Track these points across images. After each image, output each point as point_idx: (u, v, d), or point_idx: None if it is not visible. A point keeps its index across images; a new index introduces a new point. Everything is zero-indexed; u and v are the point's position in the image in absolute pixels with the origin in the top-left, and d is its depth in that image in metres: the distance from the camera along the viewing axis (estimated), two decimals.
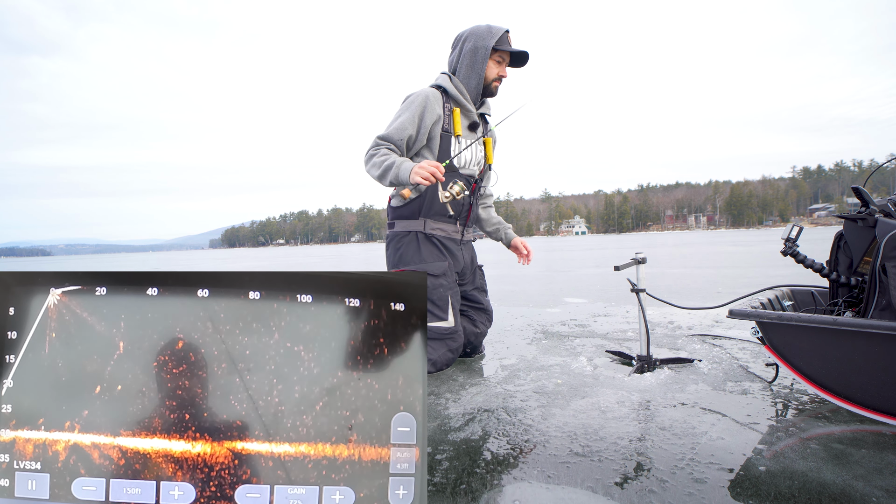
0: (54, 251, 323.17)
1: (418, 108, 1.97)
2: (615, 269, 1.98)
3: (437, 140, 2.02)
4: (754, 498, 1.01)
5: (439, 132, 2.02)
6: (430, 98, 1.99)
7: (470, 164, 2.11)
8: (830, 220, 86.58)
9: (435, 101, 2.00)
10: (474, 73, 2.03)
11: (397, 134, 1.95)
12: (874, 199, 1.68)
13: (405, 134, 1.95)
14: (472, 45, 2.02)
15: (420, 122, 1.97)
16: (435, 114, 1.99)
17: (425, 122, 1.97)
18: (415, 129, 1.97)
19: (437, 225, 2.08)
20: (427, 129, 1.99)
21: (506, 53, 2.04)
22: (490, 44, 1.99)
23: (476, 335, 2.23)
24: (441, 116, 2.01)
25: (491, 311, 2.32)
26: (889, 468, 1.11)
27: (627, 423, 1.42)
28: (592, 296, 4.48)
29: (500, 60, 2.05)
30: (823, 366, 1.45)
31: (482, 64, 2.01)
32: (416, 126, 1.97)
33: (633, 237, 62.93)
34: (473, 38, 2.02)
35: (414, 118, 1.96)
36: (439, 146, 2.02)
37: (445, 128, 2.02)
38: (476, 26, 2.06)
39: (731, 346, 2.33)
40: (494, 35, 2.00)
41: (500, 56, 2.04)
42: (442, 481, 1.12)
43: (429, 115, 1.98)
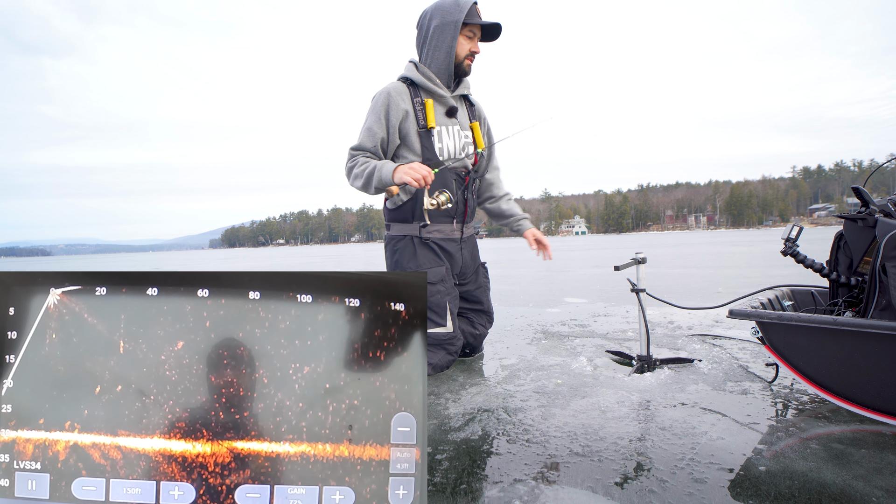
0: (54, 251, 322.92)
1: (381, 107, 1.88)
2: (615, 269, 1.98)
3: (414, 137, 1.90)
4: (754, 498, 1.01)
5: (414, 129, 1.90)
6: (392, 94, 1.88)
7: (456, 153, 1.97)
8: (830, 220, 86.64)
9: (398, 95, 1.89)
10: (443, 52, 1.89)
11: (369, 141, 1.87)
12: (874, 199, 1.68)
13: (376, 138, 1.87)
14: (439, 22, 1.87)
15: (387, 122, 1.88)
16: (400, 110, 1.88)
17: (391, 120, 1.88)
18: (384, 131, 1.88)
19: (434, 226, 1.98)
20: (396, 128, 1.89)
21: (476, 27, 1.91)
22: (459, 18, 1.84)
23: (475, 336, 2.20)
24: (409, 111, 1.89)
25: (491, 311, 2.27)
26: (889, 468, 1.11)
27: (627, 423, 1.42)
28: (592, 296, 4.48)
29: (470, 35, 1.91)
30: (823, 366, 1.45)
31: (451, 41, 1.87)
32: (383, 127, 1.88)
33: (633, 237, 62.94)
34: (439, 13, 1.87)
35: (380, 119, 1.87)
36: (420, 144, 1.90)
37: (420, 123, 1.90)
38: (440, 1, 1.90)
39: (731, 346, 2.33)
40: (462, 8, 1.84)
41: (471, 30, 1.90)
42: (442, 481, 1.12)
43: (393, 112, 1.87)
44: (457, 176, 1.99)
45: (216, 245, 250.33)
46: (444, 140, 1.95)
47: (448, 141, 1.96)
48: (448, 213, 1.99)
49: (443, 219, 2.00)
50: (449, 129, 1.97)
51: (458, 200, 2.01)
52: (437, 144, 1.93)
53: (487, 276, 2.29)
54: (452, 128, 1.98)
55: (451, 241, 2.04)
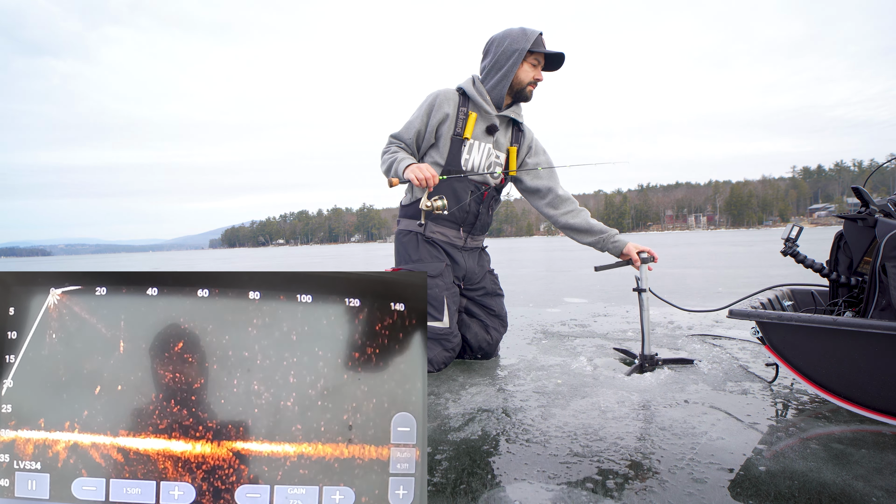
0: (54, 251, 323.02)
1: (428, 105, 2.02)
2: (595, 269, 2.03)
3: (447, 141, 2.01)
4: (754, 498, 1.01)
5: (449, 133, 2.01)
6: (441, 96, 2.01)
7: (481, 168, 2.06)
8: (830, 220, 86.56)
9: (445, 100, 2.01)
10: (504, 75, 1.98)
11: (406, 131, 2.02)
12: (874, 199, 1.68)
13: (413, 131, 2.02)
14: (506, 48, 1.97)
15: (427, 119, 2.02)
16: (442, 112, 2.00)
17: (432, 119, 2.01)
18: (423, 125, 2.02)
19: (438, 228, 2.07)
20: (434, 128, 2.01)
21: (541, 55, 1.99)
22: (525, 46, 1.94)
23: (489, 343, 2.17)
24: (450, 116, 2.01)
25: (505, 315, 2.27)
26: (889, 468, 1.11)
27: (627, 423, 1.42)
28: (592, 296, 4.48)
29: (535, 63, 2.00)
30: (823, 366, 1.45)
31: (513, 66, 1.96)
32: (424, 122, 2.02)
33: (633, 237, 62.91)
34: (507, 40, 1.97)
35: (422, 115, 2.02)
36: (449, 149, 2.01)
37: (457, 131, 2.01)
38: (509, 29, 2.00)
39: (731, 346, 2.33)
40: (529, 38, 1.95)
41: (536, 59, 1.99)
42: (442, 481, 1.12)
43: (436, 112, 2.00)
44: (475, 188, 2.07)
45: (216, 245, 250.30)
46: (473, 153, 2.05)
47: (476, 155, 2.05)
48: (454, 219, 2.07)
49: (448, 224, 2.08)
50: (481, 145, 2.06)
51: (470, 211, 2.08)
52: (465, 156, 2.03)
53: (498, 283, 2.31)
54: (485, 144, 2.07)
55: (454, 246, 2.12)
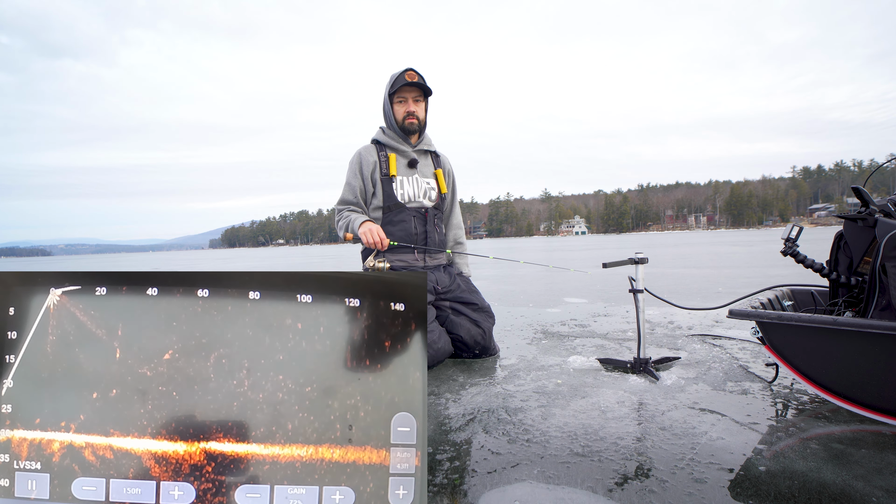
0: (54, 251, 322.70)
1: (355, 164, 2.30)
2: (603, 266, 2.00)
3: (379, 184, 2.29)
4: (754, 498, 1.01)
5: (380, 177, 2.29)
6: (363, 152, 2.32)
7: (416, 197, 2.33)
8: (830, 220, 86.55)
9: (367, 153, 2.31)
10: (387, 119, 2.33)
11: (349, 195, 2.29)
12: (874, 199, 1.68)
13: (355, 189, 2.29)
14: (383, 97, 2.33)
15: (361, 174, 2.30)
16: (369, 162, 2.29)
17: (364, 172, 2.29)
18: (360, 181, 2.29)
19: (395, 257, 2.26)
20: (369, 177, 2.30)
21: (406, 90, 2.27)
22: (388, 91, 2.28)
23: (482, 335, 2.24)
24: (377, 162, 2.30)
25: (489, 307, 2.34)
26: (889, 468, 1.11)
27: (627, 423, 1.42)
28: (592, 296, 4.48)
29: (401, 100, 2.29)
30: (823, 366, 1.44)
31: (388, 110, 2.31)
32: (359, 178, 2.30)
33: (633, 237, 62.93)
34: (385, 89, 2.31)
35: (356, 174, 2.30)
36: (382, 189, 2.28)
37: (384, 172, 2.29)
38: None
39: (731, 346, 2.33)
40: (392, 82, 2.26)
41: (400, 97, 2.28)
42: (442, 481, 1.12)
43: (365, 166, 2.29)
44: (417, 213, 2.32)
45: (216, 245, 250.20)
46: (406, 187, 2.31)
47: (408, 187, 2.32)
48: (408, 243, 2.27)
49: (403, 251, 2.28)
50: (409, 179, 2.34)
51: (419, 233, 2.31)
52: (399, 190, 2.30)
53: (471, 283, 2.44)
54: (412, 177, 2.35)
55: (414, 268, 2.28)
